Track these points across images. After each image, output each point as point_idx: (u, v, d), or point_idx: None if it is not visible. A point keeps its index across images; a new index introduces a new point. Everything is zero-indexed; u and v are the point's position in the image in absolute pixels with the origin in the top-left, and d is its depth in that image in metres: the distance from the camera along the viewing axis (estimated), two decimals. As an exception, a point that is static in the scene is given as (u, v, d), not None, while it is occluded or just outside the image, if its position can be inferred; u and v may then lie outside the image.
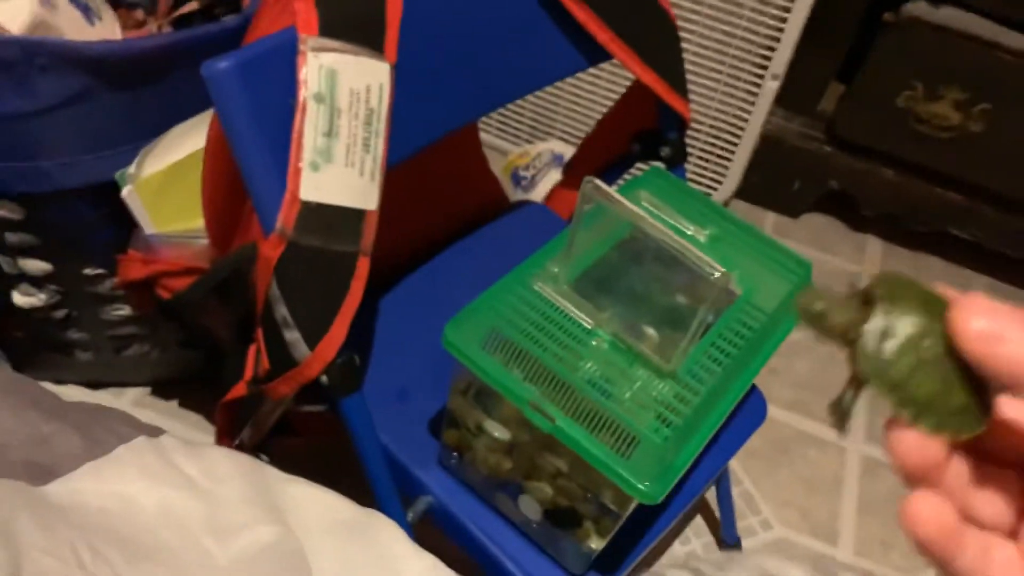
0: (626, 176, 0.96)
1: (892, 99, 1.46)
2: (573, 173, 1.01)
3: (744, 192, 1.63)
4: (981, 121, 1.43)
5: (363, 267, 0.61)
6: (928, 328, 0.28)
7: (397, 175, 0.67)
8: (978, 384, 0.27)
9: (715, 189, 1.55)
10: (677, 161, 0.90)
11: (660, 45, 0.81)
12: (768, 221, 1.68)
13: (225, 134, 0.56)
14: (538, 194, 1.43)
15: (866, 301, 0.29)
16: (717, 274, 0.55)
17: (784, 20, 1.33)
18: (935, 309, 0.28)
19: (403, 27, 0.62)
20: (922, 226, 1.61)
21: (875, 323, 0.28)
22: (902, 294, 0.28)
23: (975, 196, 1.54)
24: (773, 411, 1.34)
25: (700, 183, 1.55)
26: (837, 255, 1.65)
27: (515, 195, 1.48)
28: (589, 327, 0.63)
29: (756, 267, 0.75)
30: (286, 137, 0.56)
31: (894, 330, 0.28)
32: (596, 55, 0.79)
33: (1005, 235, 1.57)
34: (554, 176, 1.43)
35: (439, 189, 0.94)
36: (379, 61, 0.60)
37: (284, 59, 0.56)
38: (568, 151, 1.51)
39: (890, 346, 0.28)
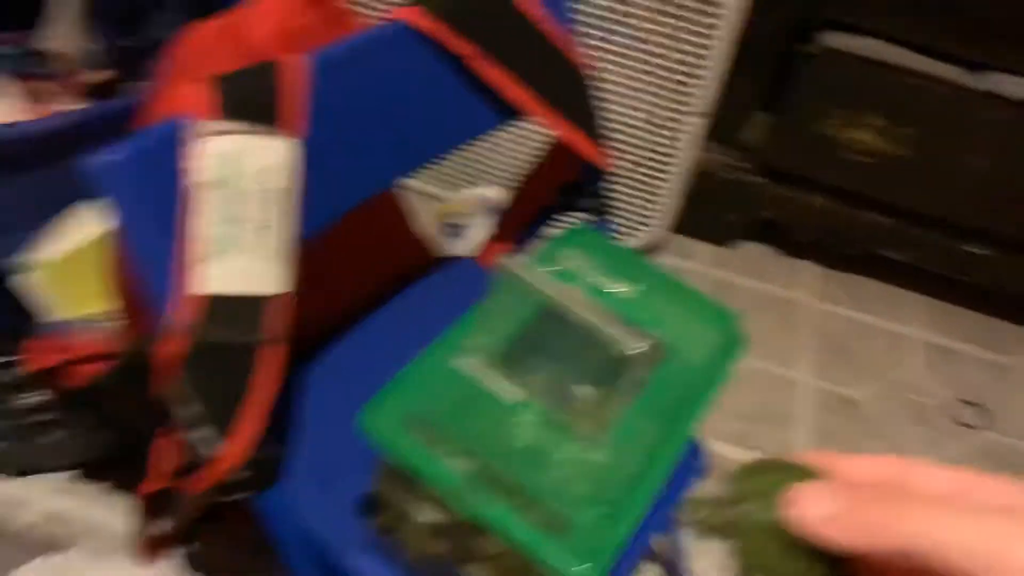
0: (558, 226, 0.95)
1: (817, 128, 1.48)
2: (503, 227, 0.99)
3: (678, 225, 1.64)
4: (905, 145, 1.45)
5: (276, 355, 0.58)
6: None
7: (319, 241, 0.64)
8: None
9: (646, 227, 1.55)
10: (600, 212, 0.89)
11: (574, 98, 0.80)
12: (704, 252, 1.69)
13: (117, 229, 0.53)
14: (471, 242, 1.41)
15: (737, 496, 0.32)
16: (638, 349, 0.54)
17: (705, 57, 1.34)
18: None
19: (311, 98, 0.60)
20: (855, 250, 1.63)
21: (745, 515, 0.31)
22: (763, 483, 0.32)
23: (905, 218, 1.56)
24: (718, 446, 1.33)
25: (631, 222, 1.55)
26: (774, 283, 1.66)
27: (448, 245, 1.46)
28: (514, 401, 0.60)
29: (685, 321, 0.74)
30: (183, 228, 0.53)
31: (764, 521, 0.31)
32: (513, 112, 0.78)
33: (937, 255, 1.60)
34: (486, 223, 1.42)
35: (365, 251, 0.92)
36: (281, 139, 0.58)
37: (176, 146, 0.53)
38: (495, 195, 1.50)
39: (759, 536, 0.31)
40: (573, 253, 0.73)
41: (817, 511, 0.29)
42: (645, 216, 1.54)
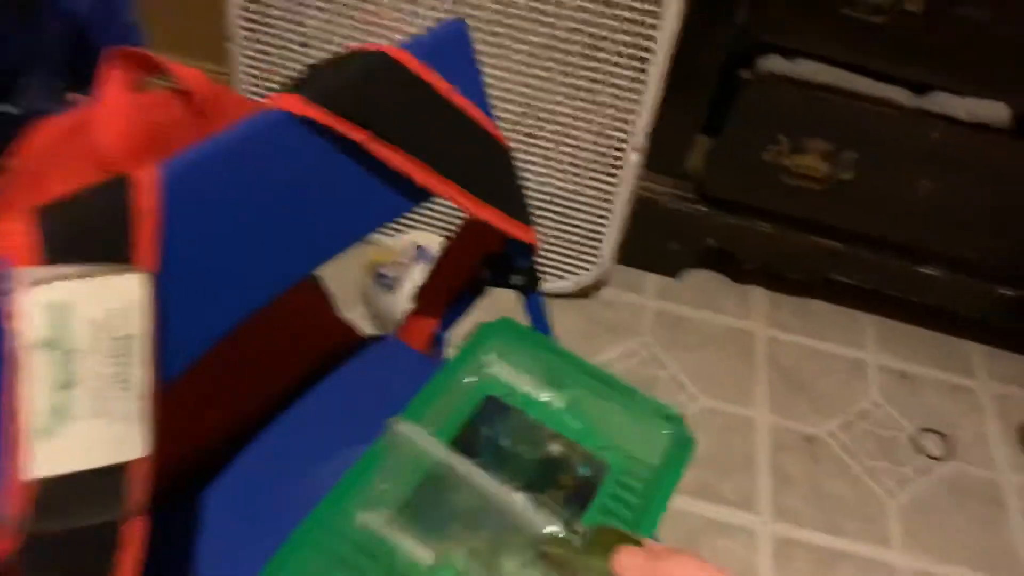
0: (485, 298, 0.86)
1: (758, 154, 1.41)
2: (424, 301, 0.90)
3: (623, 257, 1.56)
4: (850, 169, 1.40)
5: (136, 531, 0.49)
6: None
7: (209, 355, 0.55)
8: None
9: (591, 266, 1.47)
10: (530, 288, 0.80)
11: (492, 176, 0.72)
12: (650, 283, 1.62)
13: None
14: (404, 295, 1.32)
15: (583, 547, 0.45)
16: (549, 529, 0.46)
17: (641, 88, 1.27)
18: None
19: (171, 215, 0.51)
20: (804, 275, 1.58)
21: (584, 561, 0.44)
22: (604, 541, 0.44)
23: (853, 241, 1.51)
24: (676, 501, 1.26)
25: (575, 262, 1.47)
26: (723, 312, 1.60)
27: (380, 298, 1.37)
28: (429, 563, 0.52)
29: (626, 421, 0.66)
30: (10, 402, 0.44)
31: (597, 566, 0.43)
32: (424, 194, 0.69)
33: (886, 276, 1.54)
34: (420, 272, 1.33)
35: (271, 348, 0.82)
36: (129, 274, 0.48)
37: (-9, 302, 0.44)
38: (432, 242, 1.41)
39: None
40: (493, 358, 0.65)
41: (627, 562, 0.42)
42: (589, 255, 1.47)
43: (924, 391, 1.53)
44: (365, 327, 1.43)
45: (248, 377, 0.78)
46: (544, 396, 0.64)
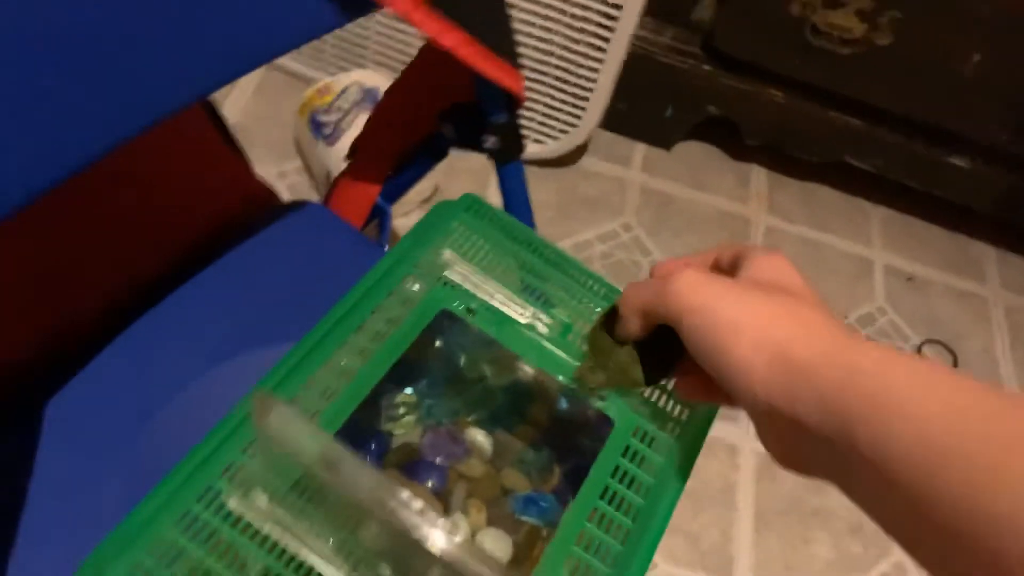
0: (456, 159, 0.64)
1: (784, 6, 1.17)
2: (363, 158, 0.68)
3: (610, 121, 1.33)
4: (888, 33, 1.17)
5: None
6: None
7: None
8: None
9: (572, 128, 1.24)
10: (509, 155, 0.59)
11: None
12: (638, 154, 1.40)
13: None
14: (344, 147, 1.09)
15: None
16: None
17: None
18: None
19: None
20: (815, 156, 1.37)
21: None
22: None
23: (877, 120, 1.29)
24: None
25: (555, 122, 1.24)
26: (718, 192, 1.39)
27: (314, 149, 1.13)
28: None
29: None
30: None
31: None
32: (358, 7, 0.46)
33: (908, 165, 1.34)
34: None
35: (159, 208, 0.60)
36: None
37: None
38: (383, 83, 1.16)
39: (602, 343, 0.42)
40: (451, 255, 0.44)
41: (633, 295, 0.38)
42: (572, 116, 1.23)
43: (932, 296, 1.36)
44: (302, 184, 1.20)
45: (122, 249, 0.57)
46: (519, 314, 0.43)
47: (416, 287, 0.42)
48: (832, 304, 1.27)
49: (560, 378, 0.43)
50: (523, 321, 0.43)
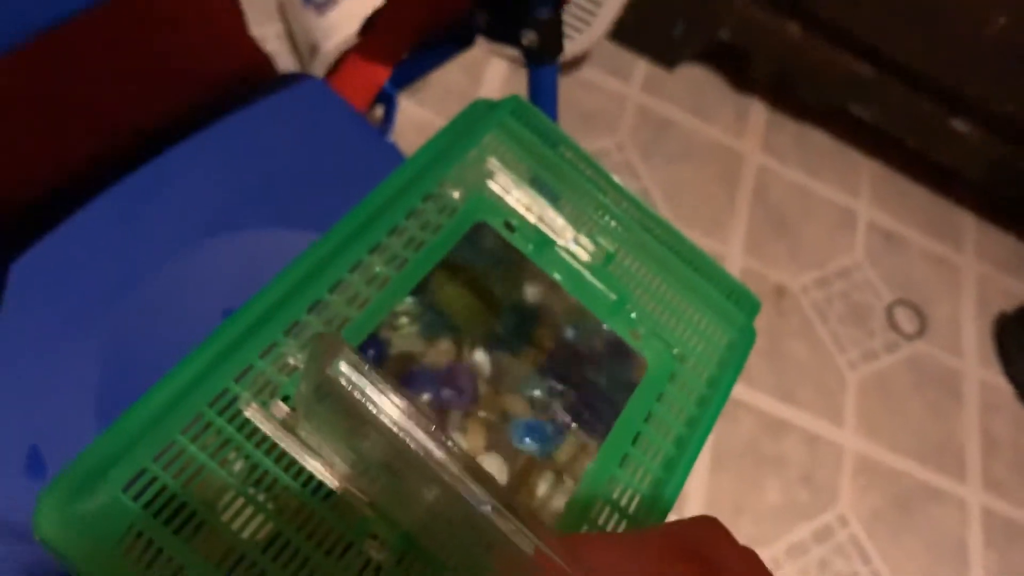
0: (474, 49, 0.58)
1: (820, -65, 1.11)
2: (373, 38, 0.62)
3: (616, 31, 1.27)
4: (921, -20, 1.12)
5: None
6: None
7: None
8: None
9: (581, 31, 1.17)
10: (545, 57, 0.53)
11: None
12: (639, 71, 1.34)
13: None
14: (340, 18, 1.01)
15: None
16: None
17: None
18: None
19: None
20: (820, 99, 1.33)
21: None
22: None
23: (889, 71, 1.25)
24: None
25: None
26: (715, 123, 1.34)
27: (301, 15, 1.05)
28: (360, 515, 0.28)
29: (680, 296, 0.42)
30: None
31: None
32: None
33: (911, 120, 1.31)
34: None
35: (139, 64, 0.53)
36: None
37: None
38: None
39: None
40: (495, 164, 0.39)
41: None
42: (580, 18, 1.16)
43: (908, 257, 1.35)
44: (281, 53, 1.11)
45: (121, 93, 0.50)
46: (564, 241, 0.39)
47: (456, 194, 0.37)
48: (810, 251, 1.26)
49: (594, 312, 0.40)
50: (563, 244, 0.39)
